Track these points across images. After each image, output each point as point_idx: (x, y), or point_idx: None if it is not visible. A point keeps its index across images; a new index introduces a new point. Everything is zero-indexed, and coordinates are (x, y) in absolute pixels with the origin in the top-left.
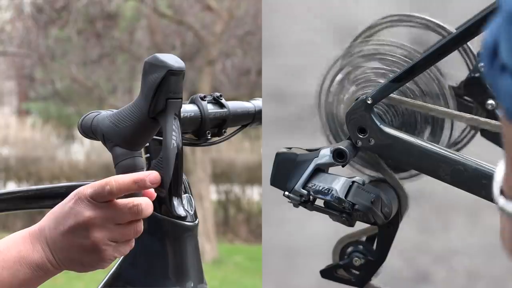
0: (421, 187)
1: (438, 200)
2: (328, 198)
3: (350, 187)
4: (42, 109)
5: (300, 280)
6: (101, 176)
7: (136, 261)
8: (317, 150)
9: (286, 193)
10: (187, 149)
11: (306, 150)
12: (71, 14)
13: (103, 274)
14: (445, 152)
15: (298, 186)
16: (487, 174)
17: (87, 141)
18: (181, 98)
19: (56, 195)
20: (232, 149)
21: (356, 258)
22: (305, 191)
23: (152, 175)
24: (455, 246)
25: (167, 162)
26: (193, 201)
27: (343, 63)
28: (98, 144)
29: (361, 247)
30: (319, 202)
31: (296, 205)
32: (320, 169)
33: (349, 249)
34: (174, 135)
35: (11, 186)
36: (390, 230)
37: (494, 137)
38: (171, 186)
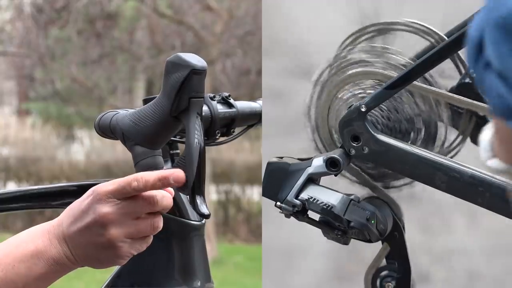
0: (421, 187)
1: (438, 200)
2: (327, 215)
3: (348, 204)
4: (42, 109)
5: (300, 280)
6: (101, 176)
7: (141, 260)
8: (309, 159)
9: (278, 203)
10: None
11: (298, 159)
12: (71, 14)
13: (104, 274)
14: (441, 159)
15: (290, 196)
16: (484, 181)
17: (87, 141)
18: (203, 97)
19: (71, 193)
20: (232, 149)
21: (388, 284)
22: (298, 201)
23: (176, 174)
24: (455, 246)
25: (191, 160)
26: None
27: (331, 71)
28: (98, 144)
29: (386, 271)
30: (311, 213)
31: (287, 216)
32: (312, 179)
33: (379, 279)
34: (196, 134)
35: (11, 186)
36: (399, 240)
37: None
38: (195, 185)
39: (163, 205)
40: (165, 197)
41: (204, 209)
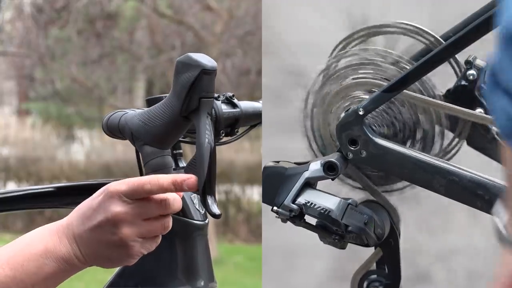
0: (421, 187)
1: (438, 200)
2: (325, 220)
3: (345, 209)
4: (42, 109)
5: (300, 280)
6: (101, 176)
7: (145, 260)
8: (306, 163)
9: (275, 208)
10: (187, 150)
11: (295, 163)
12: (71, 14)
13: (104, 275)
14: (439, 162)
15: (287, 201)
16: (483, 184)
17: (87, 141)
18: (213, 97)
19: (76, 193)
20: (232, 149)
21: None
22: (295, 206)
23: (191, 180)
24: (455, 246)
25: (201, 160)
26: None
27: (326, 76)
28: (98, 144)
29: (375, 276)
30: (308, 218)
31: (284, 221)
32: (309, 183)
33: (366, 283)
34: (207, 134)
35: (11, 186)
36: (393, 247)
37: (480, 146)
38: (205, 185)
39: (174, 208)
40: (176, 199)
41: (215, 209)
